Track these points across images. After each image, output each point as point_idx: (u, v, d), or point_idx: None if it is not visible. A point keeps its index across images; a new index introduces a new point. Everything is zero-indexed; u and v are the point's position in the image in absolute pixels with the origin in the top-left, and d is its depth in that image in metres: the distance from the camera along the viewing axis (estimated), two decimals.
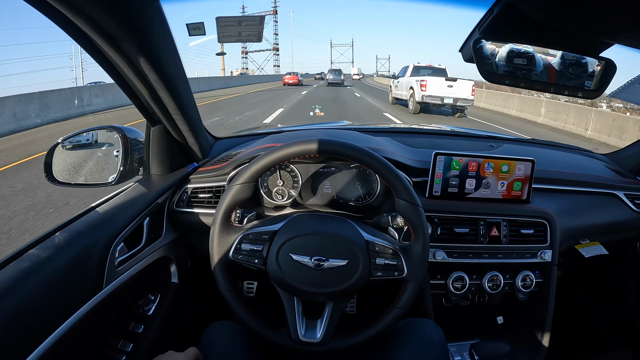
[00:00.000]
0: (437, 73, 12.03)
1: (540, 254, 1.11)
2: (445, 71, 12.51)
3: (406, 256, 0.79)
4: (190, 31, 0.85)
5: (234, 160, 1.07)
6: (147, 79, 0.80)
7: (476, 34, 0.80)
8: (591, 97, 0.86)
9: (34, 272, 0.69)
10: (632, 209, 1.30)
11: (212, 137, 1.24)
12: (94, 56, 0.76)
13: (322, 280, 0.76)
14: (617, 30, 0.71)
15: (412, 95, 11.38)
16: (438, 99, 10.71)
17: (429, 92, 10.68)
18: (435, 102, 10.81)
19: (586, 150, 1.56)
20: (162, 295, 1.01)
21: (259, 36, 0.83)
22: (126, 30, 0.67)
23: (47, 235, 0.79)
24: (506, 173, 1.07)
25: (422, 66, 12.71)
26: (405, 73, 12.80)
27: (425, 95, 10.72)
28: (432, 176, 1.06)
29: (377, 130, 1.42)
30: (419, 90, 10.88)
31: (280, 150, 0.79)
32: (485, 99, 16.38)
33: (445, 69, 12.69)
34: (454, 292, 1.09)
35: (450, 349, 1.13)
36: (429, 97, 10.72)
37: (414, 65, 12.65)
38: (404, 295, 0.80)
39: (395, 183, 0.80)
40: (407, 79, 12.21)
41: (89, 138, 1.11)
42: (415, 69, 12.52)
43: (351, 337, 0.80)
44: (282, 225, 0.80)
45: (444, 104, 10.90)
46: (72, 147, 1.07)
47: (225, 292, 0.79)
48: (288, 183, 1.08)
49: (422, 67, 12.63)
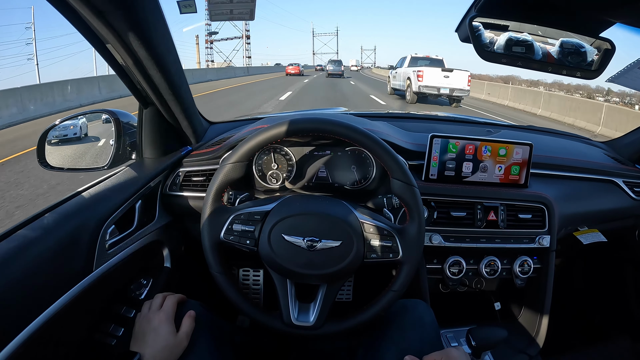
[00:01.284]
0: (434, 64, 12.38)
1: (539, 240, 1.10)
2: (442, 62, 12.81)
3: (401, 238, 0.78)
4: (182, 9, 0.83)
5: (227, 142, 1.05)
6: (137, 56, 0.78)
7: (472, 12, 0.79)
8: (590, 77, 0.85)
9: (22, 252, 0.68)
10: (631, 196, 1.29)
11: (207, 121, 1.23)
12: (84, 33, 0.74)
13: (315, 261, 0.75)
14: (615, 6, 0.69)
15: (409, 85, 11.64)
16: (435, 89, 10.99)
17: (425, 83, 10.96)
18: (432, 92, 11.10)
19: (585, 137, 1.55)
20: (155, 280, 1.00)
21: (251, 14, 0.81)
22: (114, 2, 0.66)
23: (36, 216, 0.77)
24: (504, 157, 1.06)
25: (420, 57, 13.02)
26: (403, 64, 13.06)
27: (422, 85, 10.99)
28: (428, 159, 1.05)
29: (373, 115, 1.40)
30: (415, 81, 11.13)
31: (273, 128, 0.78)
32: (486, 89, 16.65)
33: (442, 60, 12.99)
34: (451, 277, 1.08)
35: (447, 335, 1.13)
36: (426, 87, 11.01)
37: (412, 56, 12.97)
38: (399, 278, 0.79)
39: (390, 163, 0.79)
40: (405, 69, 12.46)
41: (76, 132, 1.09)
42: (412, 59, 12.82)
43: (345, 321, 0.79)
44: (275, 206, 0.79)
45: (440, 94, 11.18)
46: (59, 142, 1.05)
47: (217, 273, 0.78)
48: (282, 166, 1.07)
49: (420, 58, 12.94)
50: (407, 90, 11.89)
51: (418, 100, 11.61)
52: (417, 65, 12.22)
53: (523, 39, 0.81)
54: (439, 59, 13.05)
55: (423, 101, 11.85)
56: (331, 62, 28.19)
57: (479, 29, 0.81)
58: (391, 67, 14.62)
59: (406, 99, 11.99)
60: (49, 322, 0.67)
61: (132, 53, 0.77)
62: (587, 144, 1.47)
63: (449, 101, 11.91)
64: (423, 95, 11.39)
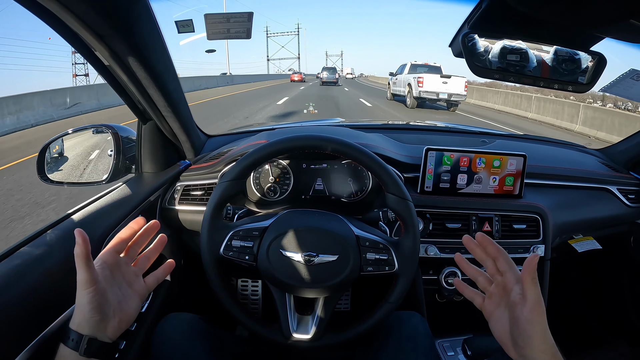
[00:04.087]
0: (433, 70, 12.98)
1: (533, 249, 1.11)
2: (440, 69, 13.45)
3: (397, 251, 0.79)
4: (179, 28, 0.85)
5: (225, 157, 1.07)
6: (136, 76, 0.80)
7: (465, 29, 0.80)
8: (581, 90, 0.86)
9: (25, 270, 0.69)
10: (625, 203, 1.30)
11: (204, 134, 1.24)
12: (83, 53, 0.76)
13: (312, 275, 0.76)
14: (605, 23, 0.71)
15: (410, 91, 12.18)
16: (434, 94, 11.57)
17: (425, 88, 11.55)
18: (431, 98, 11.68)
19: (579, 145, 1.56)
20: (155, 293, 1.01)
21: (248, 33, 0.83)
22: (114, 27, 0.67)
23: (38, 233, 0.79)
24: (498, 168, 1.08)
25: (419, 64, 13.66)
26: (403, 71, 13.69)
27: (422, 90, 11.56)
28: (423, 172, 1.06)
29: (369, 126, 1.42)
30: (416, 87, 11.71)
31: (270, 146, 0.79)
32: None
33: (440, 67, 13.67)
34: (447, 287, 1.09)
35: (443, 345, 1.13)
36: (426, 93, 11.59)
37: (411, 64, 13.62)
38: (395, 290, 0.80)
39: (385, 178, 0.80)
40: (405, 76, 13.08)
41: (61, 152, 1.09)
42: (412, 66, 13.48)
43: (343, 333, 0.81)
44: (273, 222, 0.80)
45: (439, 99, 11.79)
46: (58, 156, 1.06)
47: (217, 288, 0.79)
48: (280, 180, 1.08)
49: (419, 65, 13.58)
50: (408, 95, 12.42)
51: (417, 106, 12.17)
52: (416, 72, 12.80)
53: (517, 47, 0.82)
54: (437, 66, 13.69)
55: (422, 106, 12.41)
56: (325, 69, 28.10)
57: (473, 43, 0.82)
58: (391, 74, 15.24)
59: (407, 104, 12.53)
60: (53, 338, 0.68)
61: (131, 73, 0.79)
62: (582, 152, 1.48)
63: (447, 105, 12.39)
64: (423, 100, 11.95)
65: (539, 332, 0.55)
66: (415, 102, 11.99)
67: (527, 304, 0.56)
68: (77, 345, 0.54)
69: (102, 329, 0.57)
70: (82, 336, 0.54)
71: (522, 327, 0.56)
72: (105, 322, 0.57)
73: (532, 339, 0.55)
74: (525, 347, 0.55)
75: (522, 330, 0.56)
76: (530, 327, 0.55)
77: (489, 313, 0.63)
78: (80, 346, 0.54)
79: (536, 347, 0.55)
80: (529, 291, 0.56)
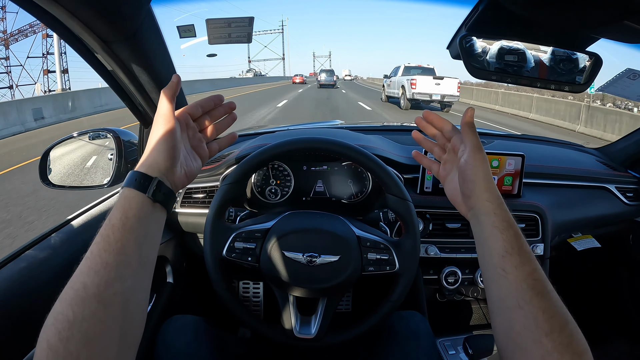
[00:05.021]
0: (426, 72, 13.24)
1: (533, 248, 1.12)
2: (433, 70, 13.69)
3: (397, 251, 0.80)
4: (181, 33, 0.86)
5: (226, 160, 1.07)
6: (139, 81, 0.81)
7: (462, 31, 0.82)
8: (578, 90, 0.87)
9: (31, 272, 0.70)
10: (623, 201, 1.31)
11: None
12: (86, 58, 0.76)
13: (314, 276, 0.77)
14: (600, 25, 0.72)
15: (404, 93, 12.33)
16: (427, 96, 11.73)
17: (418, 90, 11.67)
18: (425, 99, 11.84)
19: (577, 144, 1.57)
20: (158, 295, 1.01)
21: (249, 37, 0.84)
22: (118, 34, 0.68)
23: (43, 237, 0.80)
24: (496, 168, 1.09)
25: (412, 66, 13.88)
26: (397, 73, 13.86)
27: (416, 92, 11.68)
28: (423, 172, 1.07)
29: (368, 128, 1.43)
30: (409, 88, 11.83)
31: (271, 149, 0.80)
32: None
33: (433, 69, 13.90)
34: (447, 286, 1.10)
35: (444, 343, 1.14)
36: (419, 94, 11.72)
37: (405, 66, 13.82)
38: (396, 290, 0.81)
39: (385, 179, 0.81)
40: (399, 78, 13.21)
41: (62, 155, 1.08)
42: (406, 69, 13.69)
43: (345, 332, 0.81)
44: (274, 223, 0.81)
45: (432, 100, 11.90)
46: None
47: (220, 290, 0.80)
48: (280, 182, 1.09)
49: (412, 67, 13.80)
50: (402, 97, 12.55)
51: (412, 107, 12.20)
52: (410, 74, 12.96)
53: (515, 48, 0.83)
54: (430, 68, 13.92)
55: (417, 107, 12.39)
56: (323, 72, 28.06)
57: (470, 45, 0.83)
58: (385, 76, 15.38)
59: (401, 105, 12.64)
60: None
61: (134, 77, 0.79)
62: (580, 151, 1.50)
63: (441, 107, 12.52)
64: (416, 101, 12.04)
65: (480, 176, 0.58)
66: (409, 103, 12.13)
67: (467, 149, 0.59)
68: (145, 188, 0.50)
69: (170, 175, 0.54)
70: (152, 178, 0.50)
71: (465, 174, 0.59)
72: (174, 170, 0.54)
73: (474, 184, 0.58)
74: (471, 197, 0.58)
75: (466, 177, 0.59)
76: (471, 172, 0.58)
77: (444, 178, 0.68)
78: (148, 189, 0.50)
79: (480, 195, 0.57)
80: (468, 138, 0.60)
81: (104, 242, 0.45)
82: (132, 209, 0.48)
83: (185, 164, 0.57)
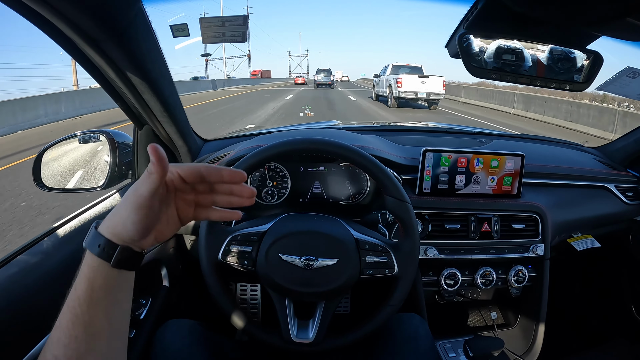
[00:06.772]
0: (414, 71, 13.53)
1: (533, 248, 1.11)
2: (421, 69, 13.99)
3: (396, 253, 0.79)
4: (174, 32, 0.84)
5: (222, 161, 1.06)
6: (131, 81, 0.79)
7: (461, 29, 0.80)
8: (578, 89, 0.86)
9: (22, 277, 0.69)
10: (623, 201, 1.30)
11: (201, 139, 1.23)
12: (76, 58, 0.75)
13: (312, 280, 0.76)
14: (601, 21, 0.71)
15: (390, 91, 12.72)
16: (412, 94, 12.07)
17: (404, 88, 12.04)
18: (410, 97, 12.18)
19: (576, 144, 1.57)
20: (154, 299, 1.00)
21: (243, 36, 0.82)
22: (108, 32, 0.67)
23: (35, 241, 0.78)
24: (496, 168, 1.08)
25: (400, 65, 14.23)
26: (385, 72, 14.26)
27: (401, 90, 12.07)
28: (421, 173, 1.06)
29: (366, 129, 1.41)
30: (395, 87, 12.23)
31: (267, 150, 0.79)
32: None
33: (421, 67, 14.20)
34: (447, 288, 1.09)
35: (444, 346, 1.13)
36: (405, 93, 12.09)
37: (393, 65, 14.21)
38: (395, 293, 0.80)
39: (383, 180, 0.80)
40: (387, 77, 13.63)
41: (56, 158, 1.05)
42: (394, 68, 14.05)
43: (344, 336, 0.80)
44: (271, 226, 0.80)
45: (418, 98, 12.26)
46: None
47: (216, 294, 0.78)
48: (277, 183, 1.08)
49: (400, 66, 14.16)
50: (389, 96, 12.94)
51: (399, 105, 12.69)
52: (397, 73, 13.26)
53: (513, 47, 0.82)
54: (417, 67, 14.21)
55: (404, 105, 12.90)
56: (320, 72, 27.88)
57: (468, 44, 0.82)
58: (375, 75, 15.74)
59: (388, 103, 13.06)
60: None
61: (126, 78, 0.78)
62: (579, 151, 1.49)
63: (427, 104, 12.87)
64: (402, 100, 12.42)
65: None
66: (395, 102, 12.51)
67: None
68: (110, 257, 0.47)
69: (138, 242, 0.49)
70: (117, 246, 0.47)
71: None
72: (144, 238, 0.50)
73: None
74: None
75: None
76: None
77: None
78: (113, 258, 0.47)
79: None
80: None
81: (70, 314, 0.44)
82: (98, 280, 0.46)
83: (159, 228, 0.52)
